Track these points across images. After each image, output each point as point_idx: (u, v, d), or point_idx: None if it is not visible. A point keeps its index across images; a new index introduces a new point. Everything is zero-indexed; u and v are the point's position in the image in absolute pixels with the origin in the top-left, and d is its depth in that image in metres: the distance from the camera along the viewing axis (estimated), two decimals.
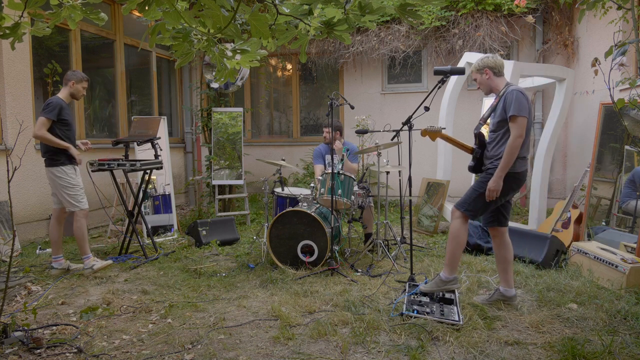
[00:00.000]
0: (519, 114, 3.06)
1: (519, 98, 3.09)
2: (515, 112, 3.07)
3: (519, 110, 3.07)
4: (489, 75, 3.31)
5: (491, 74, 3.30)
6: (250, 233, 5.91)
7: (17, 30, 2.24)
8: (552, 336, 2.82)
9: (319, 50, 7.87)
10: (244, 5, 1.90)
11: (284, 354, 2.66)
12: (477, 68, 3.36)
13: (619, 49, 2.56)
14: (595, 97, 5.77)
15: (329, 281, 3.90)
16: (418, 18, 1.99)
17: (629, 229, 4.41)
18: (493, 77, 3.31)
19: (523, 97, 3.12)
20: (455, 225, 3.28)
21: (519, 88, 3.17)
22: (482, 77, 3.34)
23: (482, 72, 3.33)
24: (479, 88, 3.43)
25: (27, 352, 2.69)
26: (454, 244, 3.28)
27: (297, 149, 8.22)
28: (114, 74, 6.84)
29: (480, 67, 3.33)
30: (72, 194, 4.16)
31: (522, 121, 3.07)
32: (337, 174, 4.39)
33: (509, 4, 6.65)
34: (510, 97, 3.12)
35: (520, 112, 3.06)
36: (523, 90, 3.17)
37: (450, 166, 6.29)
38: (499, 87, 3.31)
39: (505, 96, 3.17)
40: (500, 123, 3.21)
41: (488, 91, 3.38)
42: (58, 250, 4.26)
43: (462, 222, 3.26)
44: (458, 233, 3.26)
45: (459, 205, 3.29)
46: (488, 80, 3.32)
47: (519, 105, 3.07)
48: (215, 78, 2.43)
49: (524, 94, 3.14)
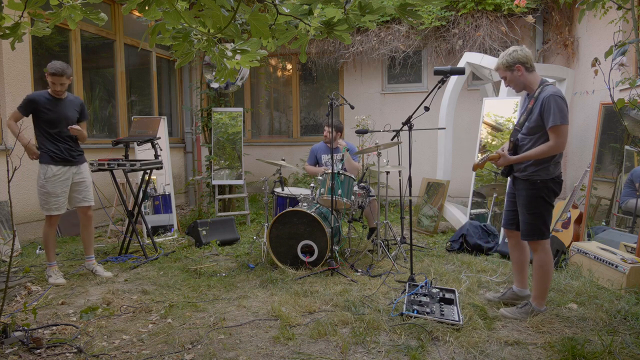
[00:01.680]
0: (562, 122, 2.86)
1: (559, 104, 2.88)
2: (558, 121, 2.86)
3: (562, 118, 2.86)
4: (521, 72, 3.04)
5: (523, 70, 3.03)
6: (250, 233, 5.91)
7: (17, 30, 2.24)
8: (552, 336, 2.82)
9: (319, 50, 7.86)
10: (244, 5, 1.90)
11: (284, 354, 2.66)
12: (506, 64, 3.06)
13: (619, 49, 2.56)
14: (595, 97, 5.77)
15: (329, 281, 3.90)
16: (418, 18, 1.99)
17: (629, 229, 4.41)
18: (525, 73, 3.04)
19: (563, 103, 2.91)
20: (539, 257, 3.06)
21: (556, 92, 2.94)
22: (514, 74, 3.05)
23: (513, 68, 3.04)
24: (508, 85, 3.15)
25: (27, 352, 2.69)
26: (544, 275, 3.06)
27: (297, 149, 8.23)
28: (114, 74, 6.84)
29: (511, 63, 3.03)
30: (40, 197, 3.95)
31: (565, 130, 2.88)
32: (337, 174, 4.40)
33: (509, 4, 6.65)
34: (548, 104, 2.89)
35: (563, 120, 2.86)
36: (561, 93, 2.95)
37: (450, 166, 6.28)
38: (533, 84, 3.05)
39: (543, 102, 2.93)
40: (535, 129, 3.01)
41: (521, 89, 3.12)
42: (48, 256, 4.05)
43: (543, 249, 3.06)
44: (545, 263, 3.06)
45: (527, 236, 3.08)
46: (521, 77, 3.05)
47: (561, 114, 2.86)
48: (215, 78, 2.43)
49: (563, 98, 2.93)
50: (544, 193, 3.03)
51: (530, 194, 3.05)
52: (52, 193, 3.94)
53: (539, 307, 3.12)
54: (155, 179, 5.87)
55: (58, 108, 3.99)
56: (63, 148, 4.01)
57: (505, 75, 3.12)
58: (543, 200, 3.04)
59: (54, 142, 3.97)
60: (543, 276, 3.08)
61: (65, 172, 4.02)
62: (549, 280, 3.11)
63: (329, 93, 4.71)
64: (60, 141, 4.00)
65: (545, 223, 3.05)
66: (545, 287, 3.11)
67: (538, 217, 3.04)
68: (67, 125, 4.01)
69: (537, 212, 3.04)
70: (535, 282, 3.12)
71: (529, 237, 3.08)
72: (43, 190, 3.93)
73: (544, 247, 3.07)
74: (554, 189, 3.06)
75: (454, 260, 4.54)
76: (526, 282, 3.31)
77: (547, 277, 3.08)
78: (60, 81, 3.90)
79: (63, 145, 4.01)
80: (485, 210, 5.43)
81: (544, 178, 3.01)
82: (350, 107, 4.62)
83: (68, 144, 4.05)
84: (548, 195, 3.04)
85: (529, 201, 3.06)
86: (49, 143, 3.96)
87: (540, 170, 3.02)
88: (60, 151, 3.99)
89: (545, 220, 3.05)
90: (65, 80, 3.94)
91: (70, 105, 4.08)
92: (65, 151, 4.02)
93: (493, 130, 5.58)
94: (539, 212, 3.04)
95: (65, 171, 4.02)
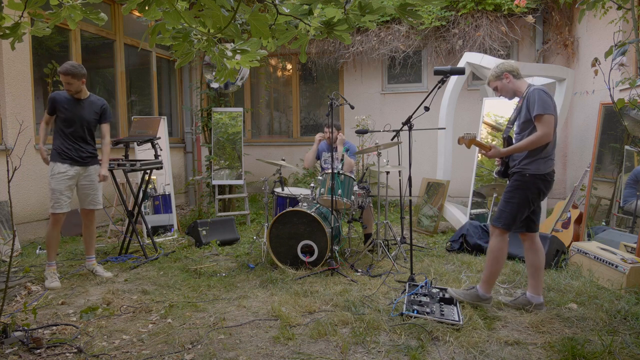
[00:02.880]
0: (545, 112, 3.03)
1: (542, 96, 3.06)
2: (540, 110, 3.03)
3: (544, 108, 3.03)
4: (509, 79, 3.28)
5: (511, 77, 3.27)
6: (250, 233, 5.91)
7: (17, 30, 2.24)
8: (552, 336, 2.82)
9: (319, 50, 7.87)
10: (244, 5, 1.90)
11: (284, 354, 2.66)
12: (495, 75, 3.33)
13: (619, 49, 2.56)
14: (595, 97, 5.77)
15: (329, 281, 3.90)
16: (418, 18, 1.99)
17: (629, 229, 4.41)
18: (513, 80, 3.28)
19: (546, 95, 3.08)
20: (494, 243, 3.21)
21: (541, 87, 3.14)
22: (503, 82, 3.30)
23: (502, 77, 3.29)
24: (501, 95, 3.38)
25: (27, 352, 2.69)
26: (493, 261, 3.21)
27: (297, 149, 8.22)
28: (114, 74, 6.84)
29: (499, 73, 3.30)
30: (50, 194, 4.00)
31: (549, 119, 3.04)
32: (337, 174, 4.40)
33: (509, 4, 6.66)
34: (532, 97, 3.09)
35: (546, 110, 3.03)
36: (545, 89, 3.14)
37: (450, 166, 6.28)
38: (521, 89, 3.27)
39: (528, 97, 3.14)
40: (525, 124, 3.17)
41: (512, 95, 3.34)
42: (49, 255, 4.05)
43: (501, 239, 3.20)
44: (498, 250, 3.20)
45: (495, 221, 3.22)
46: (509, 84, 3.29)
47: (543, 104, 3.04)
48: (215, 78, 2.43)
49: (547, 92, 3.11)
50: (529, 189, 3.13)
51: (516, 184, 3.17)
52: (55, 190, 3.97)
53: (484, 293, 3.25)
54: (155, 179, 5.87)
55: (75, 109, 4.07)
56: (73, 148, 4.06)
57: (496, 86, 3.35)
58: (523, 194, 3.14)
59: (66, 141, 4.04)
60: (492, 262, 3.21)
61: (70, 171, 4.03)
62: (498, 267, 3.22)
63: (329, 93, 4.71)
64: (72, 141, 4.06)
65: (514, 217, 3.16)
66: (492, 274, 3.22)
67: (512, 207, 3.16)
68: (82, 126, 4.09)
69: (514, 202, 3.15)
70: (485, 266, 3.26)
71: (495, 221, 3.22)
72: (49, 187, 4.01)
73: (503, 235, 3.20)
74: (542, 188, 3.15)
75: (454, 260, 4.54)
76: (540, 288, 3.26)
77: (496, 264, 3.20)
78: (66, 80, 3.94)
79: (74, 145, 4.06)
80: (485, 210, 5.43)
81: (534, 173, 3.11)
82: (350, 107, 4.62)
83: (79, 144, 4.09)
84: (532, 192, 3.13)
85: (511, 189, 3.19)
86: (61, 141, 4.04)
87: (531, 163, 3.13)
88: (69, 150, 4.05)
89: (515, 214, 3.15)
90: (72, 80, 3.96)
91: (89, 107, 4.14)
92: (75, 151, 4.06)
93: (493, 130, 5.59)
94: (515, 203, 3.15)
95: (70, 170, 4.03)
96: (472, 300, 3.26)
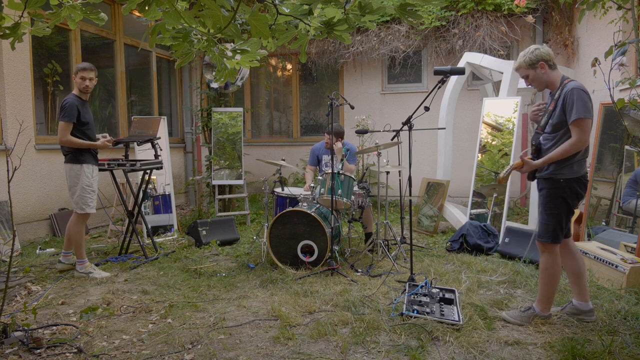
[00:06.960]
0: (585, 116, 2.74)
1: (582, 97, 2.76)
2: (581, 114, 2.73)
3: (585, 112, 2.74)
4: (545, 70, 2.93)
5: (547, 67, 2.92)
6: (250, 233, 5.91)
7: (17, 30, 2.24)
8: (552, 336, 2.82)
9: (319, 50, 7.87)
10: (244, 5, 1.90)
11: (284, 354, 2.66)
12: (529, 62, 2.94)
13: (619, 49, 2.56)
14: (595, 97, 5.74)
15: (329, 281, 3.90)
16: (418, 18, 1.99)
17: (629, 229, 4.41)
18: (549, 70, 2.93)
19: (586, 96, 2.79)
20: (546, 260, 2.97)
21: (579, 85, 2.83)
22: (537, 72, 2.94)
23: (537, 66, 2.92)
24: (530, 85, 3.03)
25: (27, 352, 2.69)
26: (550, 279, 2.97)
27: (297, 149, 8.23)
28: (114, 74, 6.84)
29: (534, 61, 2.92)
30: (84, 195, 4.07)
31: (588, 124, 2.75)
32: (337, 174, 4.40)
33: (509, 4, 6.66)
34: (571, 97, 2.78)
35: (586, 114, 2.74)
36: (583, 87, 2.84)
37: (450, 166, 6.29)
38: (555, 82, 2.94)
39: (565, 96, 2.82)
40: (557, 125, 2.87)
41: (543, 87, 3.01)
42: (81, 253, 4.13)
43: (553, 254, 2.95)
44: (552, 268, 2.95)
45: (542, 238, 2.96)
46: (544, 75, 2.94)
47: (584, 107, 2.74)
48: (215, 78, 2.43)
49: (586, 92, 2.81)
50: (566, 193, 2.89)
51: (551, 192, 2.92)
52: (94, 190, 4.14)
53: (542, 312, 3.02)
54: (155, 179, 5.87)
55: (88, 110, 4.20)
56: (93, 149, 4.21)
57: (527, 74, 3.00)
58: (563, 201, 2.90)
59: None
60: (549, 280, 2.97)
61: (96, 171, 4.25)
62: (555, 284, 2.99)
63: (329, 93, 4.71)
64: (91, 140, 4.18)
65: (561, 226, 2.93)
66: (550, 292, 3.00)
67: (555, 218, 2.91)
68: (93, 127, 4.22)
69: (555, 212, 2.91)
70: (540, 285, 3.04)
71: (542, 238, 2.97)
72: (90, 189, 4.11)
73: (553, 250, 2.96)
74: (578, 190, 2.90)
75: (454, 260, 4.54)
76: (586, 293, 3.03)
77: (553, 281, 2.97)
78: (90, 76, 4.05)
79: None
80: (485, 210, 5.43)
81: (568, 177, 2.87)
82: (350, 107, 4.62)
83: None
84: (570, 197, 2.90)
85: (548, 200, 2.94)
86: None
87: (565, 168, 2.87)
88: (95, 152, 4.22)
89: (561, 223, 2.92)
90: (94, 76, 4.10)
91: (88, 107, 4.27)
92: (94, 151, 4.23)
93: (493, 130, 5.58)
94: (557, 213, 2.91)
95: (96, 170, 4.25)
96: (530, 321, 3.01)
